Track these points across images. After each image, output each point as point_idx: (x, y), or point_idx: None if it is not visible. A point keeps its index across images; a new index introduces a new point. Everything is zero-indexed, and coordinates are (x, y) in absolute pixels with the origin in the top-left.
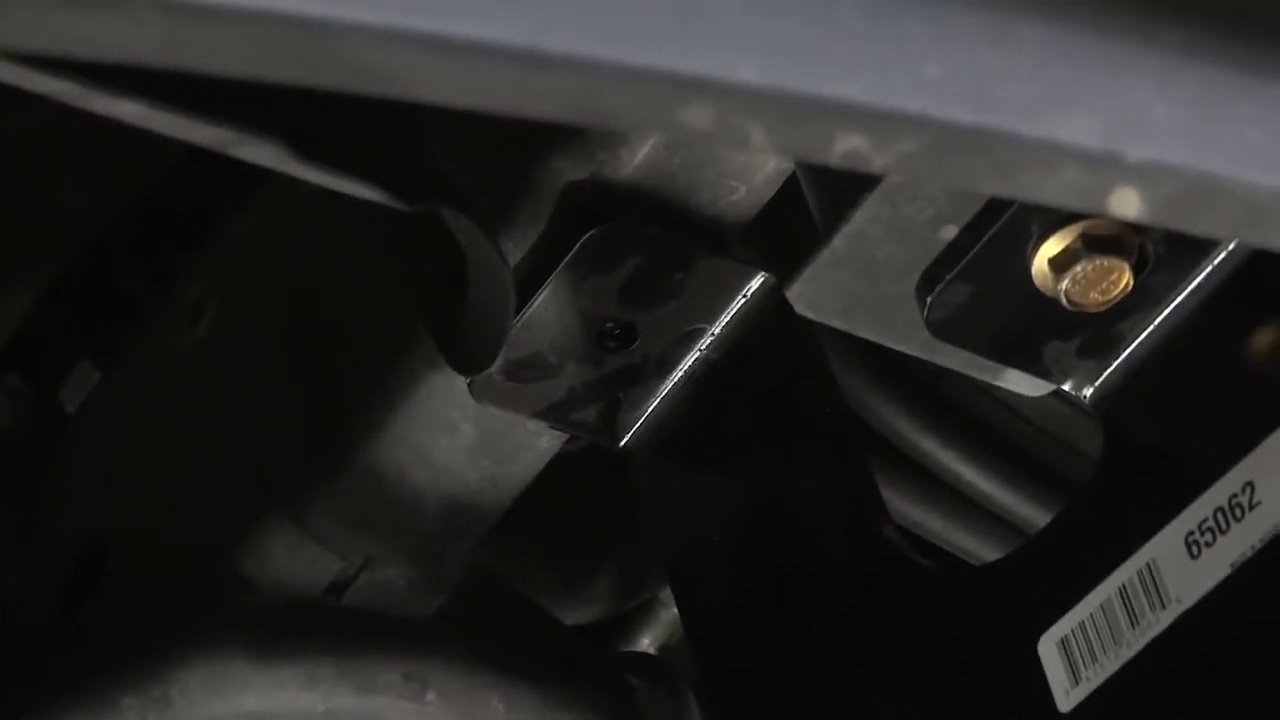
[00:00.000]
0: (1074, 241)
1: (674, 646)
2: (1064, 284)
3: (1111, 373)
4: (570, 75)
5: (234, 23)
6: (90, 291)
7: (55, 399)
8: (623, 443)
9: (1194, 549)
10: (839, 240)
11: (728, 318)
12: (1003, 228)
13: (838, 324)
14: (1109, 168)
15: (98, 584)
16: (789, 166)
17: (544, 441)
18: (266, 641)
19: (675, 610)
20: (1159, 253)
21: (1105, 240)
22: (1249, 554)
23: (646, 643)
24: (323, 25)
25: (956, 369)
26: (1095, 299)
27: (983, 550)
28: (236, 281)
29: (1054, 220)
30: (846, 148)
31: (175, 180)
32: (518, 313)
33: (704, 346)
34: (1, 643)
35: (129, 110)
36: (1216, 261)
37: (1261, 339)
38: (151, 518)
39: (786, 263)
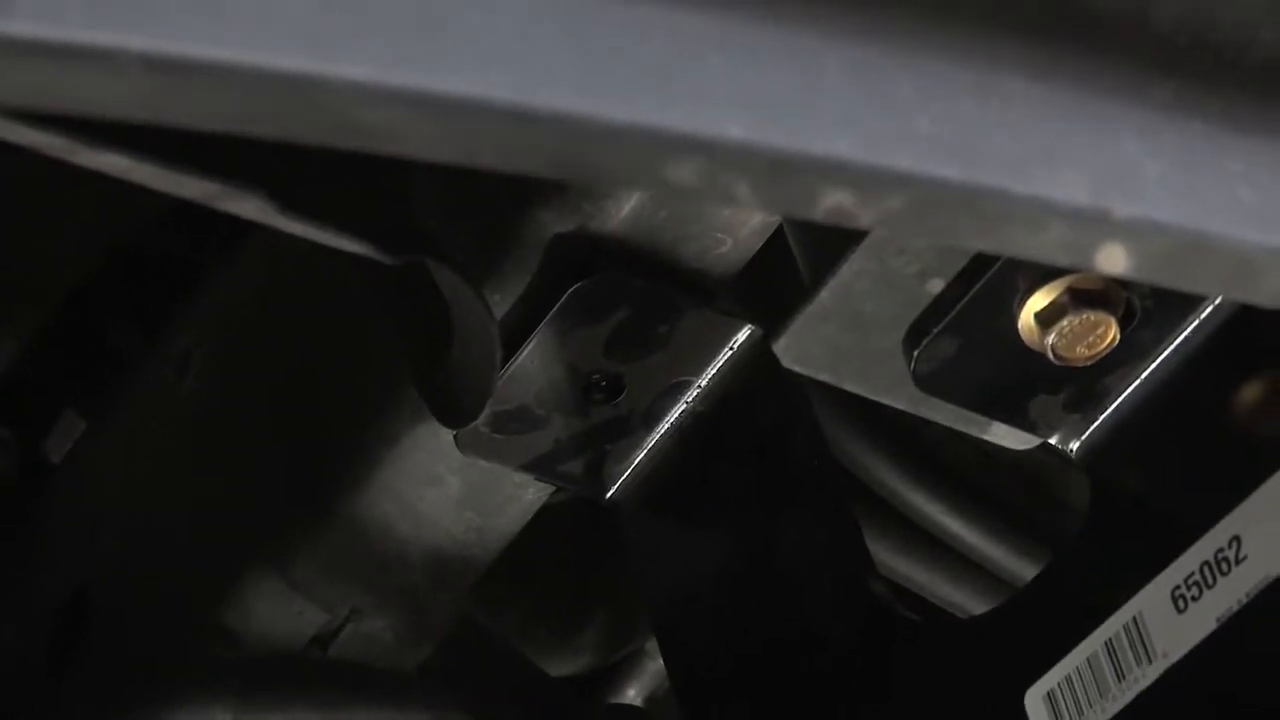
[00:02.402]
0: (1060, 296)
1: (660, 699)
2: (1050, 338)
3: (1098, 427)
4: (555, 131)
5: (217, 79)
6: (75, 340)
7: (39, 448)
8: (609, 495)
9: (1180, 603)
10: (825, 293)
11: (714, 370)
12: (989, 281)
13: (824, 377)
14: (1096, 224)
15: (80, 636)
16: (775, 219)
17: (530, 494)
18: (250, 695)
19: (662, 662)
20: (1145, 307)
21: (1092, 295)
22: (1235, 608)
23: (633, 694)
24: (306, 82)
25: (943, 422)
26: (1082, 353)
27: (969, 604)
28: (223, 332)
29: (1041, 274)
30: (832, 204)
31: (162, 229)
32: (504, 365)
33: (690, 399)
34: None
35: (114, 163)
36: (1203, 316)
37: (1247, 393)
38: (135, 570)
39: (773, 316)
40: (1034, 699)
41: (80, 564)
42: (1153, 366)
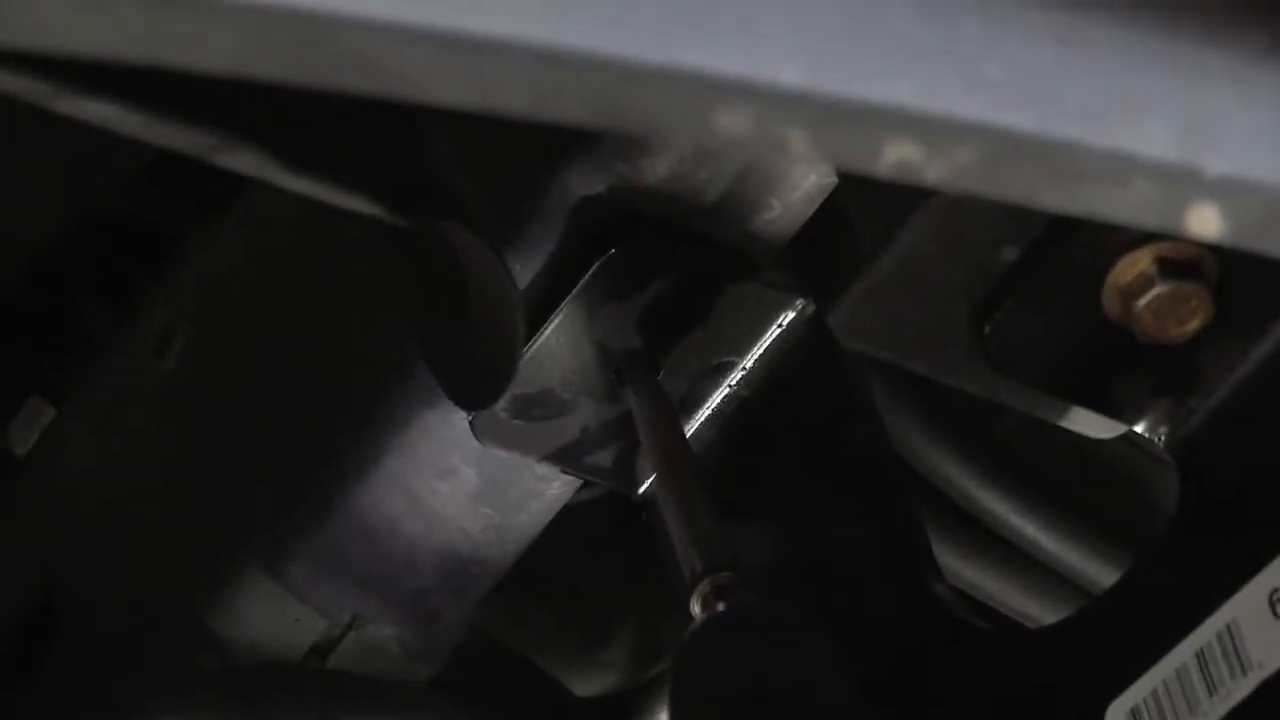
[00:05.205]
0: (1148, 265)
1: None
2: (1137, 313)
3: (1190, 414)
4: (590, 74)
5: (218, 15)
6: (42, 317)
7: (2, 438)
8: (642, 490)
9: (1279, 609)
10: (887, 261)
11: (761, 350)
12: (1069, 249)
13: (885, 355)
14: (1185, 182)
15: (48, 644)
16: (830, 180)
17: (554, 488)
18: (239, 711)
19: None
20: (1243, 278)
21: (1182, 264)
22: None
23: (664, 718)
24: (320, 19)
25: (1017, 407)
26: (1172, 330)
27: (1044, 613)
28: (206, 308)
29: (1125, 241)
30: (897, 157)
31: (139, 193)
32: (527, 342)
33: (734, 382)
34: None
35: (99, 112)
36: None
37: None
38: (111, 571)
39: (828, 287)
40: (1116, 716)
41: (48, 564)
42: (1253, 345)
